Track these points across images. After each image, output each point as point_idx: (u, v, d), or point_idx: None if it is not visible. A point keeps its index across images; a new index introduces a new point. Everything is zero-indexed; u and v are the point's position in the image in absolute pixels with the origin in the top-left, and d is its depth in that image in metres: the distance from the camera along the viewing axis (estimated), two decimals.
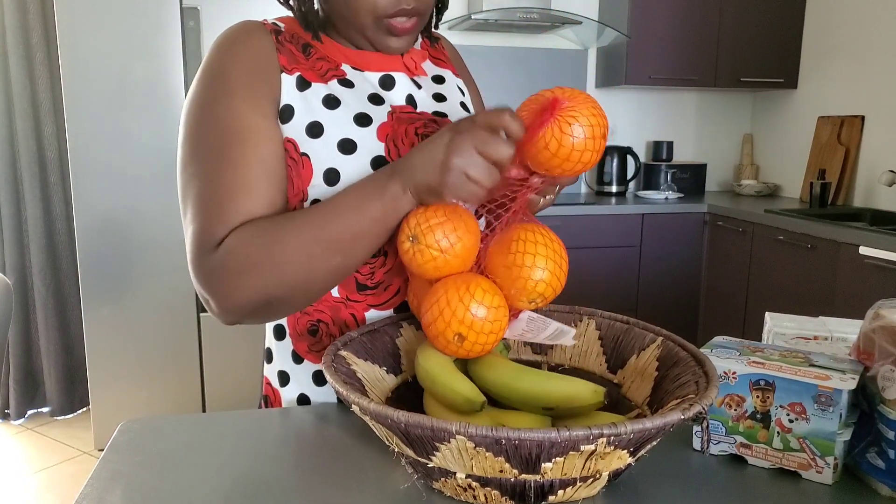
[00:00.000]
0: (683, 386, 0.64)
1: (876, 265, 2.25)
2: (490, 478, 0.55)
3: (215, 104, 0.75)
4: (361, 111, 0.79)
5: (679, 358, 0.68)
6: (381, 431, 0.59)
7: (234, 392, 2.64)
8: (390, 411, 0.53)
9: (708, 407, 0.56)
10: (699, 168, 3.52)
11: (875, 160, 2.94)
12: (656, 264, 3.09)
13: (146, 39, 2.37)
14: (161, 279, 2.50)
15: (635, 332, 0.76)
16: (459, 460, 0.54)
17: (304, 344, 0.84)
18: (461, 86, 0.94)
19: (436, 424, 0.51)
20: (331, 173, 0.77)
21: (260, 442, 0.74)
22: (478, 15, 2.88)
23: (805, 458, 0.65)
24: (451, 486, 0.58)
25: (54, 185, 2.78)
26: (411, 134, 0.81)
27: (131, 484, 0.64)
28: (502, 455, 0.52)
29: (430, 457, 0.56)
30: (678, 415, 0.53)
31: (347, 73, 0.82)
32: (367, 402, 0.55)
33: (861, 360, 0.69)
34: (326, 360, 0.65)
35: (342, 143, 0.77)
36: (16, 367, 2.81)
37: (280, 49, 0.79)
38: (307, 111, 0.78)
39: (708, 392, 0.57)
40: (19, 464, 2.50)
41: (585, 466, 0.54)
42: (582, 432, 0.50)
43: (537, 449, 0.51)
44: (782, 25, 3.27)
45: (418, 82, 0.87)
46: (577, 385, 0.64)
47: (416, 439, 0.55)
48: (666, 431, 0.55)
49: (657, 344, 0.73)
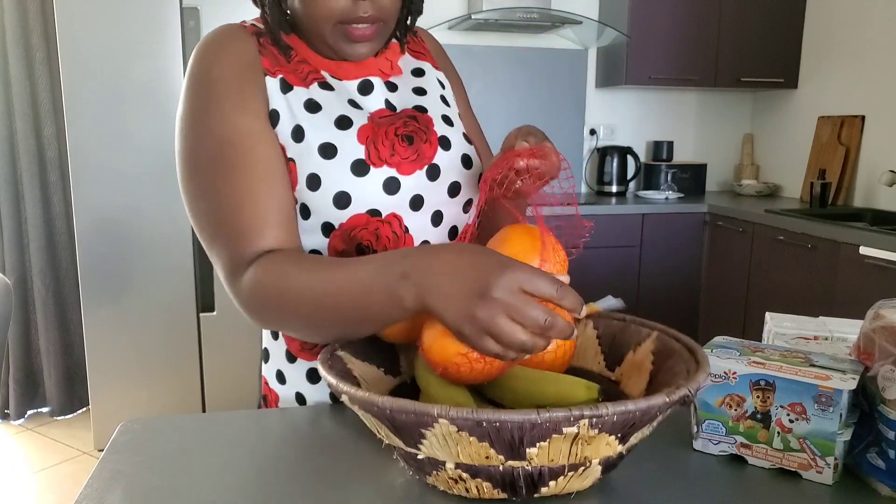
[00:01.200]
0: (676, 375, 0.64)
1: (876, 265, 2.25)
2: (479, 467, 0.55)
3: (206, 114, 0.74)
4: (342, 113, 0.79)
5: (674, 350, 0.68)
6: (371, 422, 0.59)
7: (234, 392, 2.64)
8: (375, 398, 0.53)
9: (695, 391, 0.55)
10: (699, 168, 3.52)
11: (875, 160, 2.94)
12: (656, 264, 3.09)
13: (146, 39, 2.37)
14: (161, 279, 2.50)
15: (631, 328, 0.76)
16: (445, 447, 0.54)
17: (297, 343, 0.85)
18: (441, 78, 0.93)
19: (418, 408, 0.52)
20: (313, 178, 0.76)
21: (259, 442, 0.74)
22: (478, 15, 2.88)
23: (805, 459, 0.65)
24: (443, 479, 0.58)
25: (54, 185, 2.78)
26: (391, 135, 0.80)
27: (131, 484, 0.64)
28: (486, 439, 0.52)
29: (419, 445, 0.56)
30: (663, 398, 0.53)
31: (326, 78, 0.82)
32: (354, 390, 0.55)
33: (861, 360, 0.69)
34: (323, 358, 0.65)
35: (323, 148, 0.77)
36: (16, 367, 2.81)
37: (262, 52, 0.79)
38: (290, 115, 0.77)
39: (695, 376, 0.57)
40: (19, 464, 2.50)
41: (572, 452, 0.54)
42: (562, 413, 0.50)
43: (519, 431, 0.51)
44: (782, 25, 3.27)
45: (395, 83, 0.86)
46: (571, 382, 0.64)
47: (402, 426, 0.55)
48: (653, 416, 0.54)
49: (653, 338, 0.73)
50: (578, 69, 3.41)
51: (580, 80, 3.42)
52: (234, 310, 2.57)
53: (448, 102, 0.91)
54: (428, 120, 0.84)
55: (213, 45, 0.77)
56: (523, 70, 3.34)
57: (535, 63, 3.35)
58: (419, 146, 0.82)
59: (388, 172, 0.78)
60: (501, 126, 3.36)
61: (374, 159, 0.78)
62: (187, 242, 2.51)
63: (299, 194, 0.77)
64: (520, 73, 3.34)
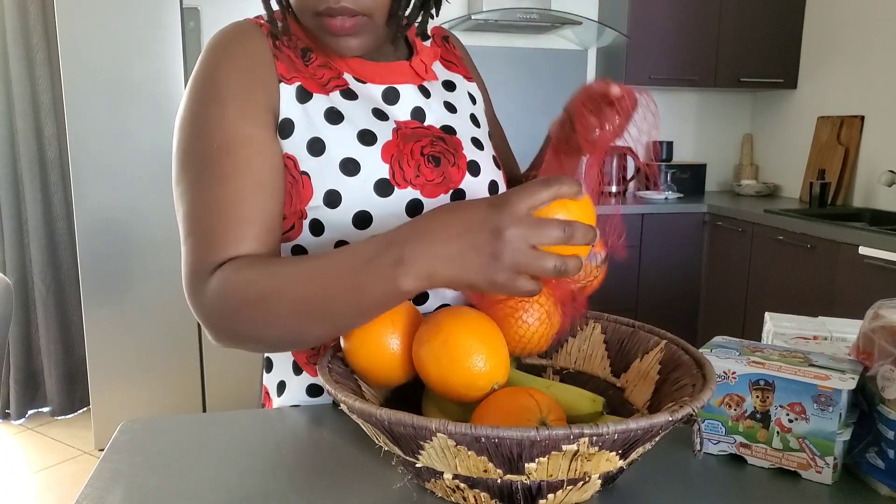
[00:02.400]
0: (681, 389, 0.64)
1: (875, 265, 2.25)
2: (476, 478, 0.55)
3: (207, 113, 0.70)
4: (365, 127, 0.75)
5: (681, 362, 0.67)
6: (371, 431, 0.59)
7: (234, 392, 2.64)
8: (374, 409, 0.53)
9: (699, 409, 0.54)
10: (699, 168, 3.52)
11: (875, 160, 2.94)
12: (656, 264, 3.09)
13: (146, 39, 2.37)
14: (161, 279, 2.50)
15: (640, 335, 0.75)
16: (444, 459, 0.54)
17: (304, 355, 0.82)
18: (473, 91, 0.89)
19: (416, 422, 0.51)
20: (332, 195, 0.72)
21: (260, 442, 0.74)
22: (478, 15, 2.88)
23: (805, 458, 0.65)
24: (441, 486, 0.58)
25: (55, 186, 2.78)
26: (417, 154, 0.76)
27: (131, 484, 0.64)
28: (484, 454, 0.52)
29: (417, 456, 0.56)
30: (666, 416, 0.52)
31: (350, 83, 0.77)
32: (353, 400, 0.55)
33: (861, 360, 0.69)
34: (322, 361, 0.65)
35: (344, 163, 0.73)
36: (16, 367, 2.81)
37: (278, 55, 0.74)
38: (308, 126, 0.73)
39: (701, 395, 0.56)
40: (19, 464, 2.50)
41: (571, 468, 0.53)
42: (562, 431, 0.49)
43: (518, 448, 0.50)
44: (782, 25, 3.27)
45: (428, 89, 0.82)
46: (575, 394, 0.64)
47: (400, 437, 0.55)
48: (655, 433, 0.54)
49: (660, 347, 0.72)
50: (578, 69, 3.41)
51: (580, 80, 3.42)
52: None
53: (478, 122, 0.87)
54: (457, 143, 0.81)
55: (224, 42, 0.73)
56: (523, 70, 3.34)
57: (535, 63, 3.35)
58: (446, 169, 0.78)
59: (411, 194, 0.75)
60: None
61: (398, 179, 0.74)
62: None
63: (314, 210, 0.73)
64: (520, 73, 3.34)
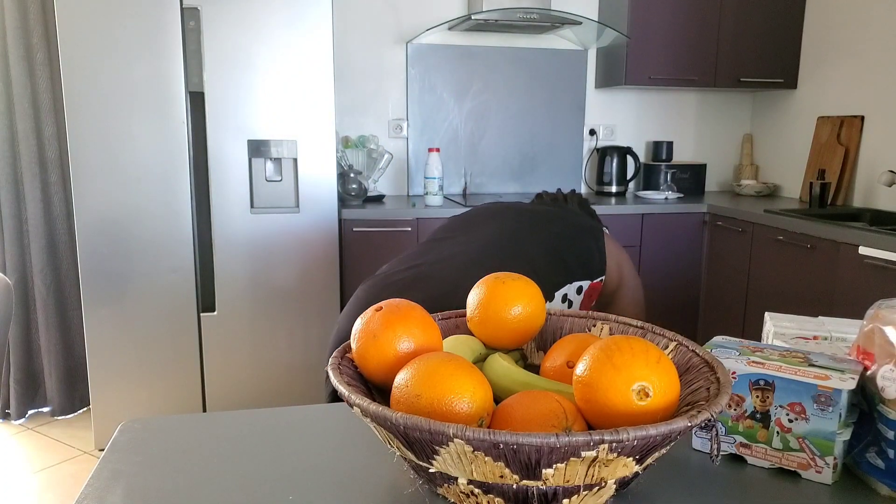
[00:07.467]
0: (695, 392, 0.63)
1: (875, 265, 2.25)
2: (491, 484, 0.54)
3: None
4: None
5: (692, 364, 0.67)
6: (383, 434, 0.58)
7: (234, 392, 2.64)
8: (389, 413, 0.52)
9: (718, 414, 0.54)
10: (699, 168, 3.52)
11: (875, 160, 2.94)
12: (656, 264, 3.09)
13: (146, 39, 2.37)
14: (161, 279, 2.50)
15: (649, 337, 0.75)
16: (459, 465, 0.53)
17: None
18: None
19: (433, 427, 0.50)
20: None
21: (260, 442, 0.74)
22: (478, 15, 2.88)
23: (805, 458, 0.65)
24: (455, 492, 0.58)
25: (55, 185, 2.78)
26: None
27: (131, 484, 0.64)
28: (501, 460, 0.51)
29: (431, 461, 0.55)
30: (685, 422, 0.51)
31: None
32: (367, 403, 0.54)
33: (861, 360, 0.69)
34: (333, 362, 0.65)
35: None
36: (16, 367, 2.81)
37: None
38: None
39: (718, 399, 0.56)
40: (19, 464, 2.50)
41: (589, 473, 0.53)
42: (582, 438, 0.48)
43: (536, 454, 0.50)
44: (782, 25, 3.27)
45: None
46: None
47: (415, 442, 0.54)
48: (673, 439, 0.53)
49: (670, 349, 0.71)
50: (578, 69, 3.41)
51: (580, 80, 3.43)
52: (234, 310, 2.57)
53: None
54: None
55: None
56: (523, 70, 3.34)
57: (535, 63, 3.35)
58: None
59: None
60: (501, 126, 3.37)
61: None
62: (188, 242, 2.51)
63: None
64: (520, 73, 3.34)
